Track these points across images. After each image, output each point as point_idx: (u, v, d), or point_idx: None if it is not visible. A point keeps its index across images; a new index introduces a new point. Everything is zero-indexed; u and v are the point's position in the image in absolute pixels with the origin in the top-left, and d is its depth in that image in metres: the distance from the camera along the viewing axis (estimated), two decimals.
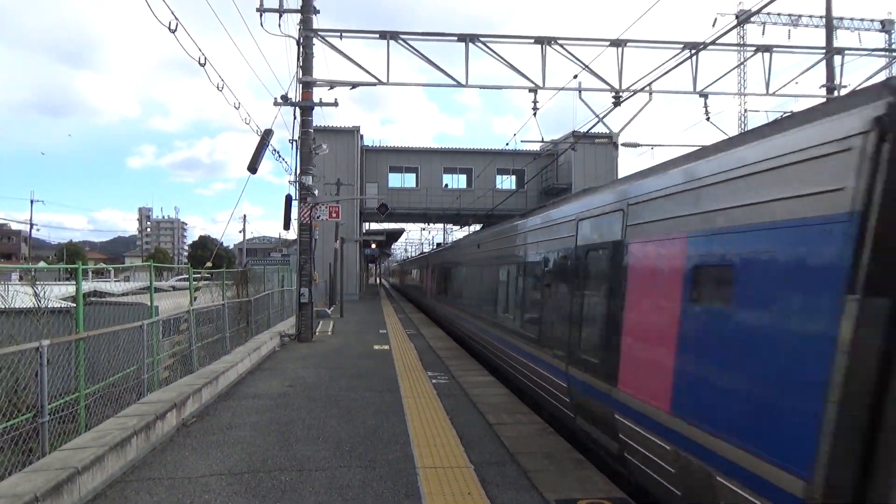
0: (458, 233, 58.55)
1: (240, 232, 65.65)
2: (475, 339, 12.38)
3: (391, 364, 12.82)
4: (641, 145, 26.73)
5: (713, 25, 38.13)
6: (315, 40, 16.48)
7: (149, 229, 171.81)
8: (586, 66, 16.81)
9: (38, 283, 6.87)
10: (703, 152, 4.58)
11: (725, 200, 4.02)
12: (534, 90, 17.06)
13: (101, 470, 5.70)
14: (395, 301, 40.25)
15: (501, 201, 30.94)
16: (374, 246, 44.33)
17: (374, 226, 51.64)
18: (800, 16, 34.55)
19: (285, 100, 16.21)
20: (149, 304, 9.13)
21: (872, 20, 34.22)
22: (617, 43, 17.02)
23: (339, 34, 16.51)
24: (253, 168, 14.15)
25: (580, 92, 17.47)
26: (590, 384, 6.09)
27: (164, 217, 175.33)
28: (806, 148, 3.46)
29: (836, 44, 19.26)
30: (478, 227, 42.02)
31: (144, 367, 8.21)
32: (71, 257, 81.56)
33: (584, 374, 6.26)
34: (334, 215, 17.70)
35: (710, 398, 3.98)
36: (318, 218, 17.21)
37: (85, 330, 7.08)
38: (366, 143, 42.97)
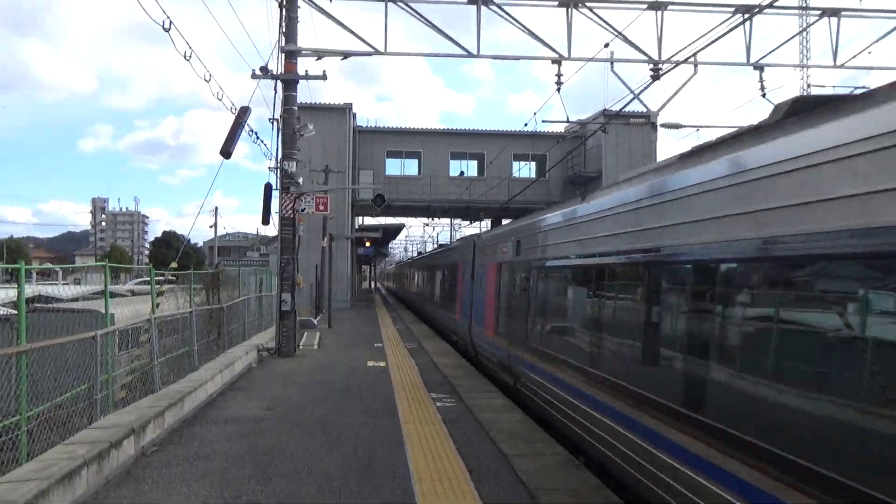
0: (467, 229, 58.56)
1: (210, 227, 65.86)
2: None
3: (388, 383, 12.83)
4: (685, 126, 26.63)
5: None
6: (300, 2, 16.49)
7: (104, 223, 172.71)
8: (619, 34, 16.74)
9: None
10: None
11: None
12: (557, 61, 17.00)
13: None
14: (392, 309, 40.29)
15: (519, 192, 30.79)
16: (368, 244, 44.32)
17: (369, 221, 51.68)
18: None
19: (265, 72, 16.22)
20: (103, 311, 9.13)
21: None
22: (656, 6, 16.94)
23: None
24: (226, 152, 14.15)
25: (612, 63, 17.40)
26: (447, 315, 20.62)
27: (121, 209, 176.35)
28: (459, 249, 20.27)
29: None
30: (491, 222, 41.96)
31: (97, 385, 8.21)
32: (12, 255, 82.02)
33: (446, 313, 21.10)
34: (322, 208, 17.69)
35: (463, 310, 17.28)
36: (302, 211, 17.22)
37: (28, 341, 7.07)
38: (359, 124, 43.03)
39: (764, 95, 18.59)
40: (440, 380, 13.40)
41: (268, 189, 16.70)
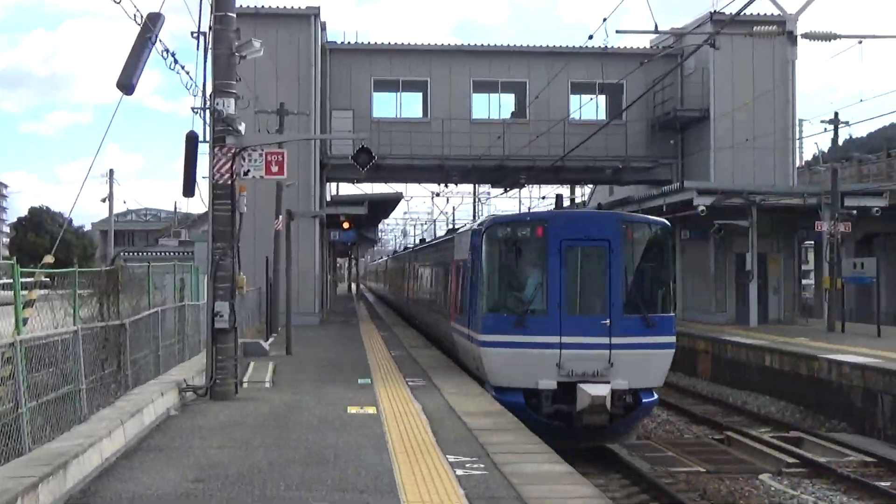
0: (499, 201, 58.09)
1: (103, 201, 65.71)
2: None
3: (381, 441, 12.84)
4: (840, 37, 26.50)
5: None
6: None
7: None
8: None
9: None
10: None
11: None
12: None
13: None
14: (386, 326, 40.34)
15: (580, 143, 30.68)
16: (347, 226, 44.32)
17: (348, 189, 51.68)
18: None
19: None
20: None
21: None
22: None
23: None
24: (127, 84, 14.14)
25: None
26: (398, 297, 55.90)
27: None
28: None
29: None
30: (538, 190, 42.28)
31: None
32: None
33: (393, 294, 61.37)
34: (276, 170, 17.65)
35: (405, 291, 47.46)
36: (246, 175, 17.20)
37: None
38: (332, 39, 42.94)
39: None
40: (461, 434, 13.40)
41: (192, 142, 16.67)
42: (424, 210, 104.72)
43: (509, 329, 18.49)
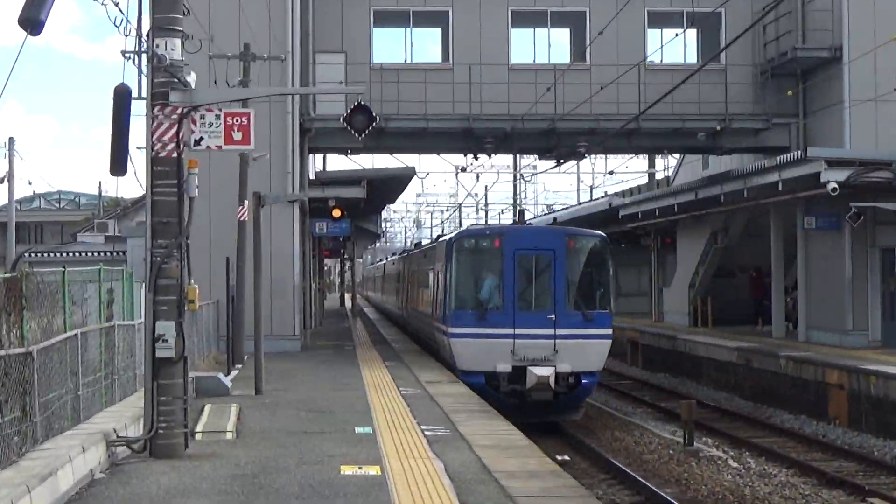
0: (547, 178, 57.94)
1: (0, 182, 65.72)
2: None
3: None
4: None
5: None
6: None
7: None
8: None
9: None
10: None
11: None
12: None
13: None
14: (393, 354, 40.23)
15: (662, 96, 30.63)
16: (337, 213, 44.43)
17: (339, 163, 51.85)
18: None
19: None
20: None
21: None
22: None
23: None
24: (33, 19, 14.18)
25: None
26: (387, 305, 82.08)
27: None
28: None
29: None
30: (601, 160, 42.66)
31: None
32: None
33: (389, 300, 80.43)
34: (239, 138, 17.68)
35: (398, 299, 65.82)
36: (198, 144, 17.22)
37: None
38: None
39: None
40: (497, 501, 13.38)
41: (122, 99, 16.71)
42: (446, 191, 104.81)
43: (473, 322, 30.28)
